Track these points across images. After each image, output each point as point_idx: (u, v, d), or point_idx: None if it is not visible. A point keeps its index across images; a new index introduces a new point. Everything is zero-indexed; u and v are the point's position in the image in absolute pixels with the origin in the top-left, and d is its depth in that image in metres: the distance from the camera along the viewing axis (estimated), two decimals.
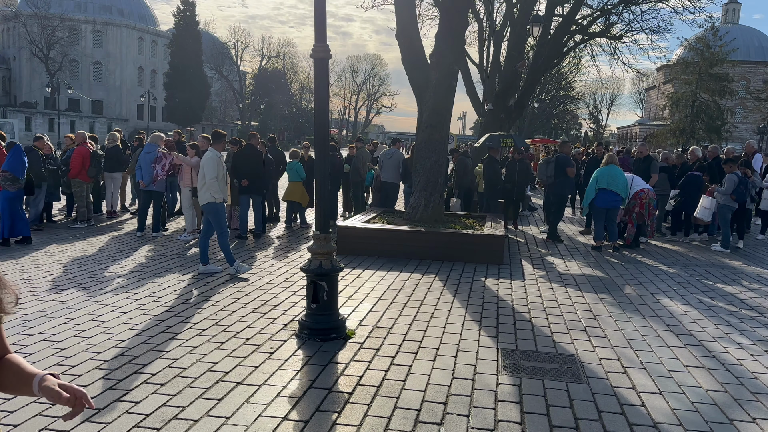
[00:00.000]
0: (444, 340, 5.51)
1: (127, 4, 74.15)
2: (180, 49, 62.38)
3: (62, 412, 3.75)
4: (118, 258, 8.54)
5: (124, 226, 11.42)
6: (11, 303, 1.60)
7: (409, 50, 10.53)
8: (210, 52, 71.79)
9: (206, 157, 7.74)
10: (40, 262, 8.09)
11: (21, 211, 9.21)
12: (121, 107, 71.33)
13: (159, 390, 4.24)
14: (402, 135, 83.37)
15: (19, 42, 66.59)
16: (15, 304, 1.62)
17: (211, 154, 7.77)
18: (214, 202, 7.70)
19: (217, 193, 7.69)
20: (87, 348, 5.01)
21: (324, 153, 5.65)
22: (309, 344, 5.28)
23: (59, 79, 61.02)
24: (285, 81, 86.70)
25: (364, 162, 13.33)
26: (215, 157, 7.76)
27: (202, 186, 7.69)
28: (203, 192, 7.70)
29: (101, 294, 6.65)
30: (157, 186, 10.25)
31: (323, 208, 5.66)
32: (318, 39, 5.42)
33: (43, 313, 5.87)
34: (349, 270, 8.26)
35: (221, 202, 7.80)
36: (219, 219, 7.80)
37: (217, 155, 7.80)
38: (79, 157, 10.80)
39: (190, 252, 9.23)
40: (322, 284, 5.47)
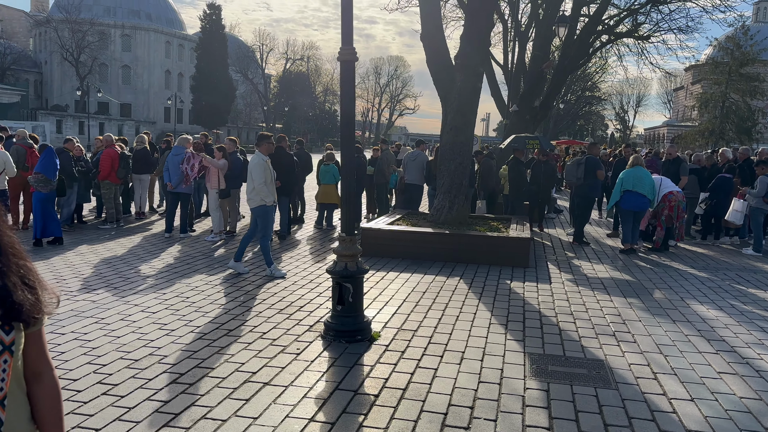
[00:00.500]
0: (470, 343, 5.48)
1: (155, 8, 75.41)
2: (206, 53, 63.27)
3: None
4: (146, 258, 8.68)
5: (152, 227, 11.60)
6: (52, 304, 1.63)
7: (434, 52, 10.51)
8: (235, 56, 72.63)
9: (253, 162, 7.74)
10: (72, 262, 8.26)
11: (53, 212, 9.41)
12: (149, 110, 72.52)
13: (188, 390, 4.29)
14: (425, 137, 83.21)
15: (51, 46, 68.17)
16: (56, 305, 1.65)
17: (258, 159, 7.72)
18: (264, 205, 7.74)
19: (267, 196, 7.70)
20: (117, 347, 5.09)
21: (350, 155, 5.67)
22: (334, 346, 5.30)
23: (89, 82, 62.29)
24: (309, 83, 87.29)
25: (388, 164, 13.34)
26: (261, 161, 7.71)
27: (251, 190, 7.73)
28: (253, 196, 7.73)
29: (131, 294, 6.76)
30: (184, 188, 10.39)
31: (350, 209, 5.68)
32: (344, 42, 5.44)
33: (74, 312, 5.99)
34: (373, 272, 8.27)
35: (271, 205, 7.81)
36: (266, 222, 7.82)
37: (263, 159, 7.73)
38: (108, 159, 11.00)
39: (216, 253, 9.34)
40: (348, 286, 5.48)
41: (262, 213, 7.82)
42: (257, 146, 7.98)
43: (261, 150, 7.89)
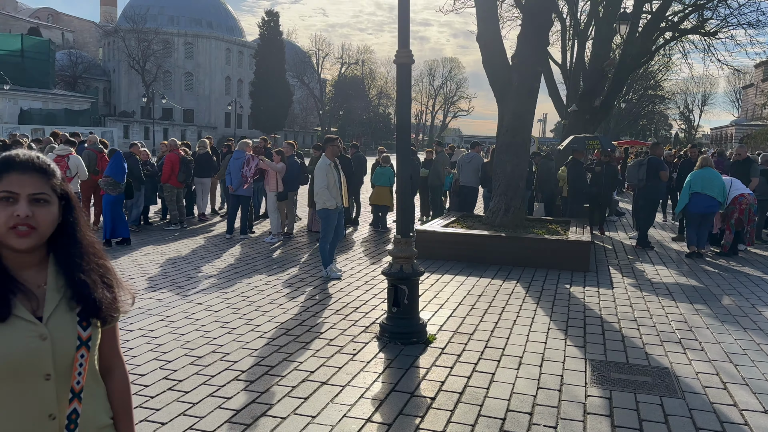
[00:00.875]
0: (528, 348, 5.39)
1: (216, 16, 77.82)
2: (264, 59, 64.82)
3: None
4: (209, 259, 8.96)
5: (213, 228, 11.97)
6: (128, 302, 1.71)
7: (490, 52, 10.40)
8: (292, 61, 74.04)
9: (317, 165, 7.86)
10: (138, 261, 8.62)
11: (121, 214, 9.85)
12: (210, 115, 74.85)
13: (249, 387, 4.40)
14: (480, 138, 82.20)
15: (118, 55, 71.39)
16: (132, 304, 1.73)
17: (321, 163, 7.81)
18: (326, 208, 7.82)
19: (327, 200, 7.75)
20: (182, 344, 5.28)
21: (406, 157, 5.69)
22: (390, 347, 5.32)
23: (154, 89, 64.86)
24: (363, 87, 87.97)
25: (443, 166, 13.29)
26: (324, 165, 7.77)
27: (316, 194, 7.86)
28: (317, 199, 7.86)
29: (194, 293, 7.00)
30: (245, 190, 10.67)
31: (406, 212, 5.69)
32: (401, 44, 5.46)
33: (141, 310, 6.25)
34: (428, 274, 8.25)
35: (334, 209, 7.83)
36: (327, 224, 7.90)
37: (326, 163, 7.79)
38: (169, 163, 11.42)
39: (275, 254, 9.54)
40: (403, 288, 5.49)
41: (323, 216, 7.91)
42: (324, 150, 8.04)
43: (326, 153, 7.93)
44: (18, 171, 1.49)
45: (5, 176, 1.48)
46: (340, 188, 7.92)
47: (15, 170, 1.49)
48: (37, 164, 1.53)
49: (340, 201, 7.94)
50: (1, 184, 1.47)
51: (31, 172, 1.50)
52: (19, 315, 1.48)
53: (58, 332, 1.52)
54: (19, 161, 1.51)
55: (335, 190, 7.85)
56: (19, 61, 50.53)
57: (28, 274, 1.54)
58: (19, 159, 1.52)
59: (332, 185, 7.80)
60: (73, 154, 10.00)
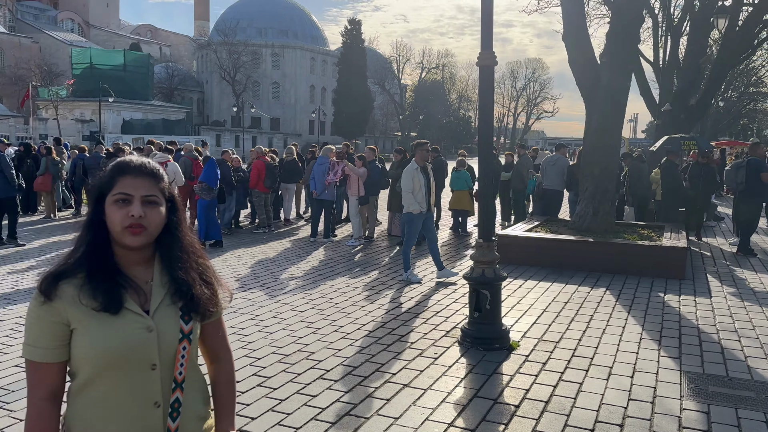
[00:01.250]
0: (618, 358, 5.17)
1: (301, 27, 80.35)
2: (347, 67, 66.20)
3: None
4: (294, 261, 9.24)
5: (298, 232, 12.34)
6: (226, 299, 1.81)
7: (577, 51, 10.08)
8: (373, 68, 75.09)
9: (405, 169, 7.93)
10: (230, 263, 9.02)
11: (214, 218, 10.36)
12: (296, 123, 77.28)
13: (333, 386, 4.50)
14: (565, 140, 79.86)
15: (211, 67, 75.21)
16: (230, 301, 1.83)
17: (408, 167, 7.86)
18: (410, 213, 7.87)
19: (411, 205, 7.78)
20: (270, 342, 5.48)
21: (488, 160, 5.62)
22: (472, 353, 5.26)
23: (243, 99, 67.77)
24: (443, 91, 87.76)
25: (526, 169, 13.01)
26: (411, 170, 7.81)
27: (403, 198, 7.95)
28: (403, 202, 7.93)
29: (281, 293, 7.24)
30: (328, 195, 10.93)
31: (487, 215, 5.63)
32: (484, 46, 5.42)
33: (233, 309, 6.54)
34: (510, 280, 8.10)
35: (418, 213, 7.83)
36: (410, 229, 7.94)
37: (413, 168, 7.82)
38: (256, 169, 11.89)
39: (356, 257, 9.69)
40: (485, 293, 5.43)
41: (407, 220, 7.96)
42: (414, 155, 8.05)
43: (416, 158, 7.95)
44: (132, 175, 1.62)
45: (120, 180, 1.61)
46: (426, 193, 7.88)
47: (129, 174, 1.62)
48: (148, 169, 1.65)
49: (425, 206, 7.91)
50: (117, 186, 1.60)
51: (143, 176, 1.63)
52: (129, 308, 1.60)
53: (162, 325, 1.63)
54: (133, 166, 1.64)
55: (421, 194, 7.83)
56: (121, 75, 54.37)
57: (138, 270, 1.66)
58: (133, 164, 1.64)
59: (417, 190, 7.79)
60: (170, 162, 10.62)
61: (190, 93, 76.21)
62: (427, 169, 8.07)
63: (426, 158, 8.07)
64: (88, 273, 1.59)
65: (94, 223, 1.62)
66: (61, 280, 1.59)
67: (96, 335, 1.55)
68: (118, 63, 55.81)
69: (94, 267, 1.60)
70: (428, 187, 7.94)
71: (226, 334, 1.85)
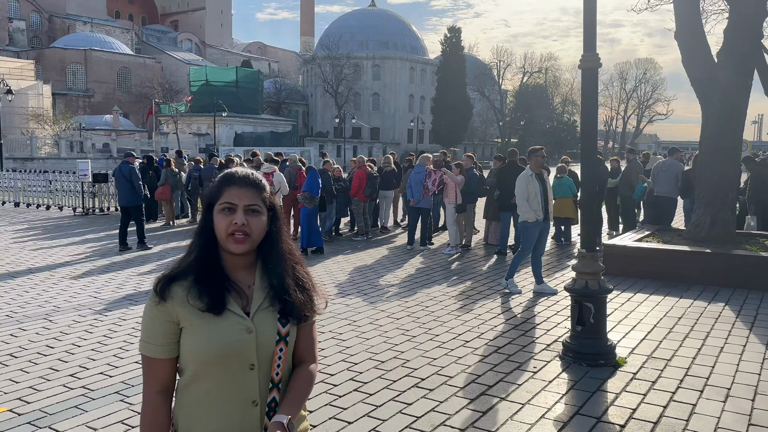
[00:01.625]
0: (737, 379, 4.75)
1: (401, 38, 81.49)
2: (446, 75, 66.28)
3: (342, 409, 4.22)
4: (391, 268, 9.34)
5: (395, 240, 12.46)
6: (322, 305, 1.87)
7: (691, 49, 9.44)
8: (473, 74, 74.58)
9: (519, 176, 7.82)
10: (330, 269, 9.29)
11: (316, 226, 10.71)
12: (395, 132, 78.34)
13: (428, 395, 4.49)
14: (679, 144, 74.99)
15: (315, 81, 78.10)
16: (325, 307, 1.89)
17: (523, 174, 7.74)
18: (525, 221, 7.69)
19: (526, 212, 7.59)
20: (367, 348, 5.56)
21: (591, 166, 5.40)
22: (574, 368, 5.05)
23: (345, 110, 69.72)
24: (546, 95, 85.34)
25: (635, 175, 12.33)
26: (525, 176, 7.66)
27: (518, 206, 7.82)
28: (518, 211, 7.78)
29: (378, 300, 7.35)
30: (425, 203, 10.96)
31: (590, 224, 5.39)
32: (587, 48, 5.22)
33: (332, 314, 6.72)
34: (617, 292, 7.69)
35: (534, 222, 7.62)
36: (525, 238, 7.75)
37: (527, 174, 7.67)
38: (357, 179, 12.15)
39: (453, 265, 9.63)
40: (588, 306, 5.19)
41: (522, 229, 7.79)
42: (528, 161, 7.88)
43: (530, 164, 7.76)
44: (237, 185, 1.72)
45: (226, 190, 1.72)
46: (542, 201, 7.63)
47: (234, 185, 1.73)
48: (251, 179, 1.75)
49: (541, 214, 7.63)
50: (223, 196, 1.71)
51: (247, 186, 1.73)
52: (232, 310, 1.70)
53: (261, 327, 1.71)
54: (238, 177, 1.75)
55: (536, 202, 7.58)
56: (234, 90, 57.80)
57: (241, 274, 1.76)
58: (238, 175, 1.75)
59: (533, 197, 7.56)
60: (276, 172, 11.12)
61: (296, 106, 79.53)
62: (543, 176, 7.84)
63: (541, 164, 7.82)
64: (197, 276, 1.71)
65: (203, 230, 1.75)
66: (173, 282, 1.71)
67: (200, 334, 1.66)
68: (231, 79, 59.43)
69: (202, 270, 1.72)
70: (544, 194, 7.68)
71: (316, 342, 1.89)
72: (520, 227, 7.80)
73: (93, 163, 24.20)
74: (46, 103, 50.64)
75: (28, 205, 18.74)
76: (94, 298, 7.36)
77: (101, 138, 52.60)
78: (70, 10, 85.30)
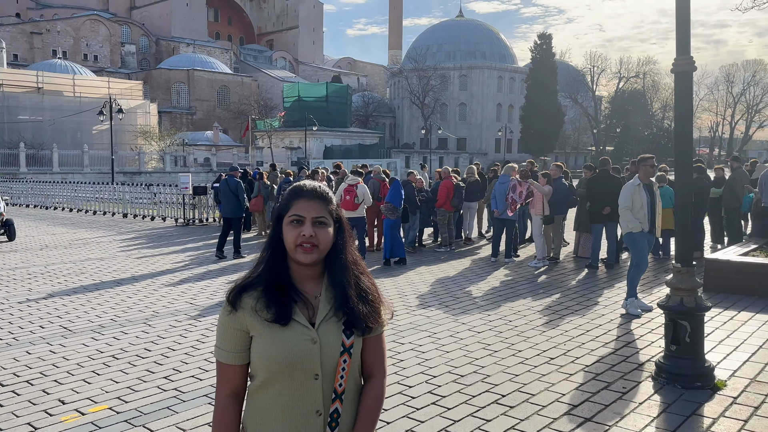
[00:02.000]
0: None
1: (489, 47, 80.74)
2: (536, 82, 64.90)
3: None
4: (474, 281, 9.21)
5: (479, 251, 12.28)
6: (388, 316, 1.88)
7: None
8: (565, 81, 72.51)
9: (624, 185, 7.46)
10: (412, 280, 9.29)
11: (398, 237, 10.77)
12: (481, 142, 77.51)
13: (508, 412, 4.37)
14: None
15: (402, 93, 78.95)
16: (390, 318, 1.89)
17: (630, 183, 7.40)
18: (630, 232, 7.29)
19: (630, 222, 7.19)
20: (446, 361, 5.50)
21: (686, 175, 5.07)
22: (667, 389, 4.74)
23: (431, 122, 69.88)
24: (644, 101, 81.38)
25: (740, 184, 11.45)
26: (632, 186, 7.27)
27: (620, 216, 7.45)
28: (621, 221, 7.42)
29: (459, 313, 7.26)
30: (510, 215, 10.72)
31: (685, 236, 5.06)
32: (680, 51, 4.94)
33: (412, 325, 6.71)
34: (719, 311, 7.15)
35: (639, 232, 7.22)
36: (636, 250, 7.32)
37: (634, 184, 7.27)
38: (444, 189, 12.10)
39: (539, 279, 9.35)
40: (684, 324, 4.86)
41: (629, 241, 7.35)
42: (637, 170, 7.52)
43: (639, 174, 7.38)
44: (305, 198, 1.78)
45: (295, 203, 1.78)
46: (650, 212, 7.21)
47: (303, 198, 1.78)
48: (319, 192, 1.80)
49: (647, 225, 7.21)
50: (292, 209, 1.77)
51: (315, 199, 1.78)
52: (298, 320, 1.74)
53: (326, 338, 1.74)
54: (306, 190, 1.80)
55: (642, 213, 7.16)
56: (324, 105, 59.65)
57: (309, 285, 1.81)
58: (306, 189, 1.80)
59: (638, 208, 7.15)
60: (360, 184, 11.31)
61: (383, 118, 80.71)
62: (653, 187, 7.42)
63: (651, 174, 7.41)
64: (265, 286, 1.77)
65: (273, 241, 1.81)
66: (244, 292, 1.79)
67: (267, 343, 1.72)
68: (321, 94, 61.40)
69: (270, 281, 1.78)
70: (652, 206, 7.25)
71: (384, 354, 1.89)
72: (627, 239, 7.36)
73: (194, 176, 25.81)
74: (153, 120, 54.51)
75: (135, 216, 20.17)
76: (190, 305, 7.78)
77: (202, 153, 55.88)
78: (175, 33, 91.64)
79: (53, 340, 6.18)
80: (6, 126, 43.53)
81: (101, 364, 5.47)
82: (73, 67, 60.58)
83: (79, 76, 54.37)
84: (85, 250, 12.75)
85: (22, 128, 44.26)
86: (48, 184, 26.91)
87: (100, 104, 39.65)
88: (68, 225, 18.01)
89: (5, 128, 43.46)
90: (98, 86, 51.71)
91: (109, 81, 53.46)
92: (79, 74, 56.41)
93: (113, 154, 36.27)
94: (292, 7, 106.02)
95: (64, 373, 5.21)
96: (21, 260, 11.36)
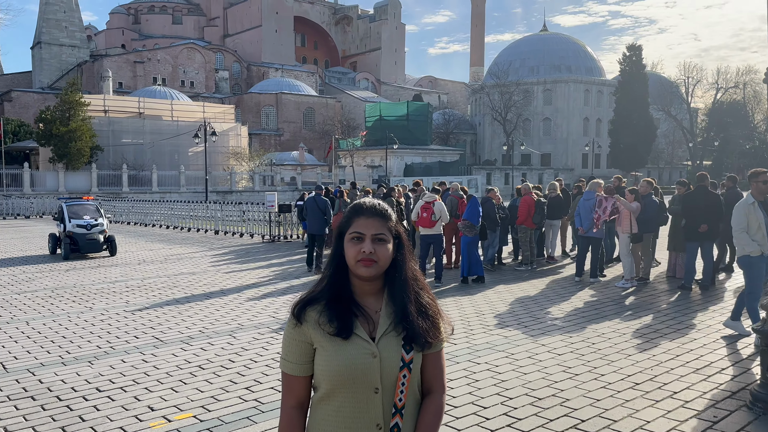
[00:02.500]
0: None
1: (575, 60, 78.62)
2: (625, 95, 62.44)
3: None
4: (556, 301, 8.93)
5: (562, 270, 11.89)
6: (448, 332, 1.89)
7: None
8: (656, 93, 69.29)
9: (737, 204, 6.91)
10: (490, 299, 9.14)
11: (476, 254, 10.64)
12: (567, 158, 75.26)
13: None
14: None
15: (483, 110, 78.33)
16: (450, 334, 1.91)
17: (742, 202, 6.82)
18: (747, 255, 6.72)
19: (747, 245, 6.63)
20: (523, 383, 5.36)
21: None
22: (763, 421, 4.38)
23: (514, 137, 68.76)
24: (745, 112, 76.13)
25: None
26: (745, 205, 6.70)
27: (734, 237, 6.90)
28: (735, 243, 6.90)
29: (539, 334, 7.05)
30: (596, 232, 10.33)
31: None
32: None
33: (489, 345, 6.59)
34: None
35: (759, 256, 6.62)
36: (751, 275, 6.77)
37: (748, 202, 6.70)
38: (525, 205, 11.86)
39: (627, 300, 8.92)
40: None
41: (745, 264, 6.76)
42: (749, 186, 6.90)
43: (751, 191, 6.81)
44: (365, 216, 1.83)
45: (356, 220, 1.83)
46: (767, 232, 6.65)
47: (363, 215, 1.84)
48: (378, 210, 1.85)
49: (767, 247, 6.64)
50: (353, 226, 1.83)
51: (374, 216, 1.83)
52: (359, 334, 1.78)
53: (386, 352, 1.78)
54: (366, 208, 1.85)
55: (760, 234, 6.61)
56: (404, 123, 60.27)
57: (369, 300, 1.86)
58: (366, 206, 1.86)
59: (756, 228, 6.61)
60: (438, 201, 11.30)
61: (464, 135, 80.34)
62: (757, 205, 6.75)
63: (765, 191, 6.76)
64: (328, 301, 1.83)
65: (335, 257, 1.88)
66: (308, 306, 1.86)
67: (329, 356, 1.77)
68: (402, 113, 62.10)
69: (333, 296, 1.84)
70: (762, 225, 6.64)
71: (444, 370, 1.90)
72: (742, 263, 6.78)
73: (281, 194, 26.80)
74: (244, 142, 57.20)
75: (225, 233, 21.17)
76: (272, 318, 8.05)
77: (289, 172, 57.97)
78: (265, 59, 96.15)
79: (146, 350, 6.59)
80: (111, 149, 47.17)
81: (188, 373, 5.76)
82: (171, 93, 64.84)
83: (177, 102, 58.10)
84: (179, 264, 13.52)
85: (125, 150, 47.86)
86: (147, 203, 28.88)
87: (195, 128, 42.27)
88: (164, 241, 19.18)
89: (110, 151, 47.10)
90: (194, 111, 55.01)
91: (203, 105, 56.74)
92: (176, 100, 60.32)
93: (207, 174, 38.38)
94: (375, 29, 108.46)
95: (154, 382, 5.54)
96: (120, 274, 12.22)
